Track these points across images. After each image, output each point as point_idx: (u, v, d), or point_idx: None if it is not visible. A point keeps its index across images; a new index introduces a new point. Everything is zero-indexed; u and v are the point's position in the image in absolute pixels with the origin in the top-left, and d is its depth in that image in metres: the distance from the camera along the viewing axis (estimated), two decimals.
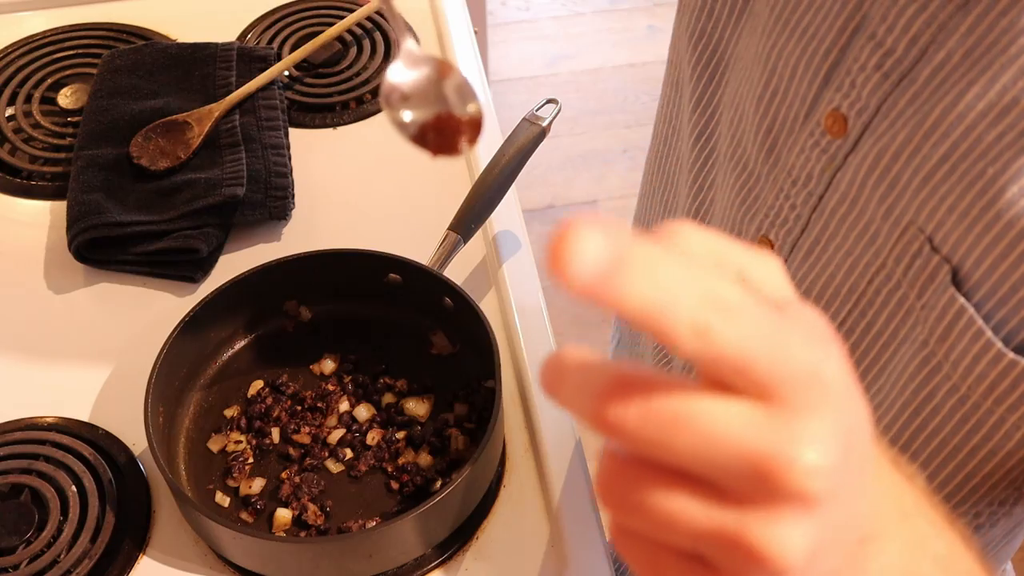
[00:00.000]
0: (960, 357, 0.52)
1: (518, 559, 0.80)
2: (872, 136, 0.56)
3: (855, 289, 0.59)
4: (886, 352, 0.59)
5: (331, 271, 0.92)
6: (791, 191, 0.63)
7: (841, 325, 0.61)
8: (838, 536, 0.33)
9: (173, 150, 1.05)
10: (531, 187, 2.46)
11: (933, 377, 0.55)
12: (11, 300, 0.98)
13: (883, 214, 0.56)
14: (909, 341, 0.56)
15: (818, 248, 0.62)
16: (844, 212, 0.59)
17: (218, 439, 0.86)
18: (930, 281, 0.53)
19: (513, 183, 0.97)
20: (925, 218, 0.53)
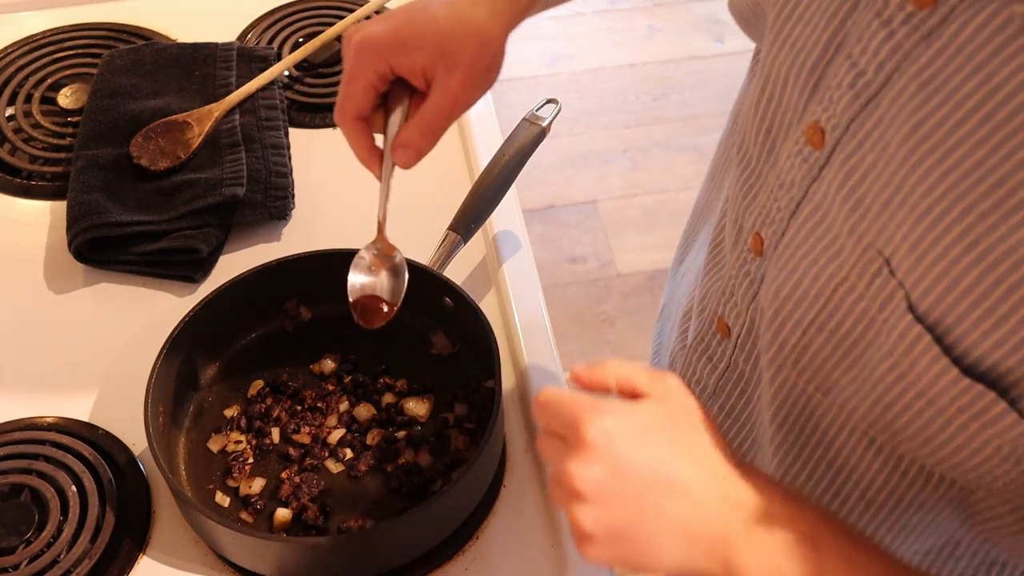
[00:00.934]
0: (923, 372, 0.54)
1: (518, 559, 0.80)
2: (842, 153, 0.57)
3: (821, 295, 0.60)
4: (856, 348, 0.60)
5: (331, 271, 0.92)
6: (778, 193, 0.64)
7: (811, 324, 0.62)
8: (621, 485, 0.53)
9: (173, 150, 1.05)
10: (531, 187, 2.46)
11: (900, 382, 0.56)
12: (11, 300, 0.98)
13: (848, 231, 0.57)
14: (876, 347, 0.58)
15: (788, 252, 0.63)
16: (815, 223, 0.61)
17: (218, 439, 0.86)
18: (889, 301, 0.55)
19: (513, 183, 0.97)
20: (884, 242, 0.54)
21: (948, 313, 0.51)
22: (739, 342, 0.75)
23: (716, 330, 0.78)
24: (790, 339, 0.65)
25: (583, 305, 2.25)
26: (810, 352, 0.63)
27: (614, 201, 2.47)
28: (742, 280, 0.72)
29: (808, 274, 0.61)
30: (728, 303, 0.75)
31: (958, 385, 0.52)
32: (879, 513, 0.68)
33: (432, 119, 0.69)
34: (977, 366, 0.51)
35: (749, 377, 0.76)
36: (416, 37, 0.67)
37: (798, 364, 0.65)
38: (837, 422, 0.65)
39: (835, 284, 0.59)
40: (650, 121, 2.65)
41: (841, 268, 0.58)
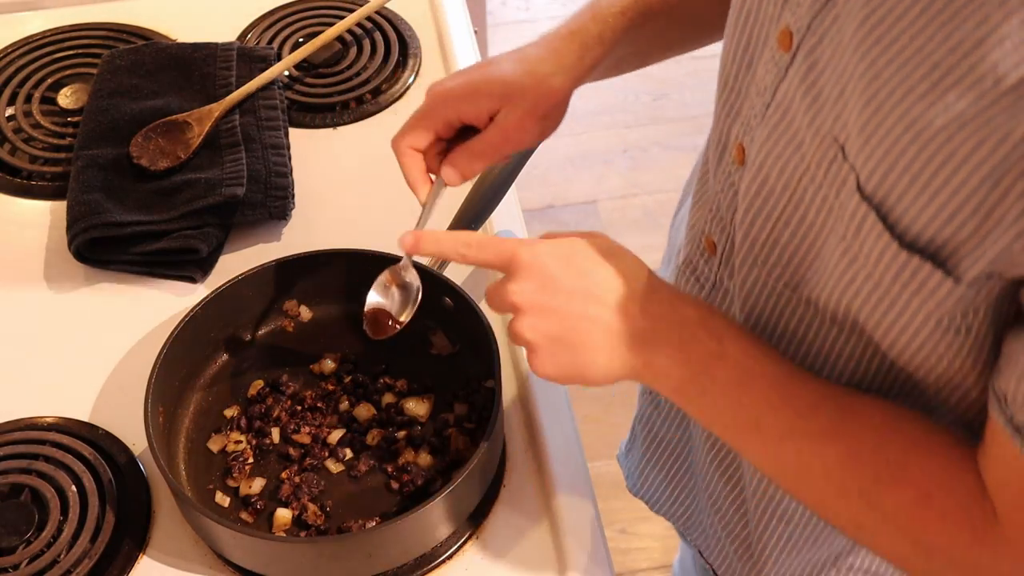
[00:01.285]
0: (870, 251, 0.59)
1: (518, 559, 0.80)
2: (804, 51, 0.62)
3: (787, 187, 0.65)
4: (819, 240, 0.65)
5: (331, 271, 0.92)
6: (756, 101, 0.69)
7: (779, 220, 0.67)
8: (551, 296, 0.64)
9: (173, 150, 1.05)
10: (531, 187, 2.46)
11: (852, 265, 0.61)
12: (11, 300, 0.98)
13: (807, 123, 0.62)
14: (834, 233, 0.62)
15: (758, 150, 0.68)
16: (778, 119, 0.65)
17: (218, 439, 0.86)
18: (842, 185, 0.60)
19: (513, 183, 0.97)
20: (838, 129, 0.59)
21: (891, 191, 0.56)
22: (723, 257, 0.78)
23: (704, 249, 0.81)
24: (760, 236, 0.69)
25: None
26: (778, 248, 0.68)
27: (614, 201, 2.46)
28: (727, 192, 0.76)
29: (774, 169, 0.66)
30: (714, 220, 0.78)
31: (898, 260, 0.57)
32: None
33: (481, 148, 0.77)
34: (916, 241, 0.56)
35: (731, 295, 0.79)
36: (485, 85, 0.75)
37: (767, 262, 0.70)
38: (807, 316, 0.70)
39: (798, 176, 0.64)
40: (650, 121, 2.65)
41: (803, 160, 0.63)
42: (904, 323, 0.60)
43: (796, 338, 0.72)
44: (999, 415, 0.56)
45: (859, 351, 0.68)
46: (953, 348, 0.60)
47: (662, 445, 0.94)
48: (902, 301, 0.59)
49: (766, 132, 0.67)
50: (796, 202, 0.65)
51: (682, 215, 0.98)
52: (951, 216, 0.54)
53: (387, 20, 1.24)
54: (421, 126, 0.76)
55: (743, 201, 0.71)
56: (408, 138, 0.76)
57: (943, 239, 0.55)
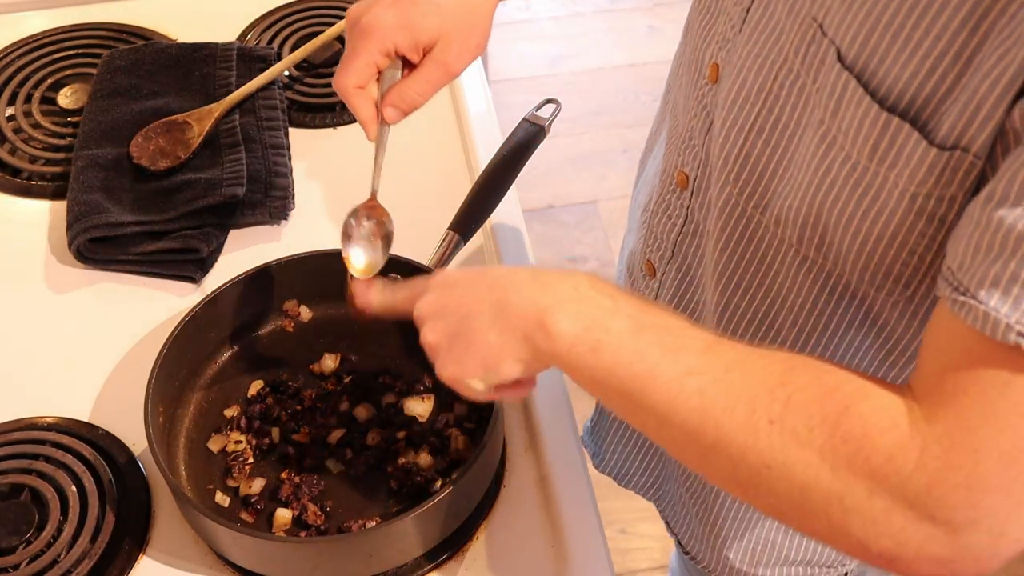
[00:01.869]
0: (848, 125, 0.60)
1: (518, 559, 0.80)
2: None
3: (763, 88, 0.67)
4: (792, 142, 0.66)
5: (331, 271, 0.92)
6: (732, 11, 0.71)
7: (752, 127, 0.68)
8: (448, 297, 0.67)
9: (173, 150, 1.05)
10: (531, 187, 2.46)
11: (830, 151, 0.62)
12: (11, 300, 0.98)
13: (787, 11, 0.64)
14: (810, 126, 0.64)
15: (736, 57, 0.70)
16: (758, 18, 0.67)
17: (218, 439, 0.86)
18: (821, 64, 0.61)
19: (513, 183, 0.97)
20: (817, 7, 0.61)
21: (873, 53, 0.58)
22: (694, 187, 0.79)
23: (676, 185, 0.82)
24: (734, 149, 0.70)
25: None
26: (751, 160, 0.69)
27: (614, 201, 2.46)
28: (699, 116, 0.77)
29: (752, 69, 0.68)
30: (686, 148, 0.80)
31: (877, 125, 0.58)
32: (807, 343, 0.73)
33: (421, 85, 0.77)
34: (898, 102, 0.57)
35: (702, 228, 0.80)
36: (421, 18, 0.74)
37: (740, 178, 0.71)
38: (774, 243, 0.71)
39: (776, 71, 0.66)
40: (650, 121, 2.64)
41: (781, 52, 0.65)
42: (878, 208, 0.61)
43: (762, 269, 0.73)
44: (944, 287, 0.54)
45: (821, 281, 0.69)
46: (924, 240, 0.60)
47: None
48: (879, 180, 0.60)
49: (747, 34, 0.69)
50: (771, 104, 0.67)
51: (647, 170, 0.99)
52: (932, 67, 0.55)
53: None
54: (362, 64, 0.75)
55: (719, 116, 0.72)
56: (353, 76, 0.75)
57: (923, 95, 0.56)
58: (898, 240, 0.61)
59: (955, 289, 0.53)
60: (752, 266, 0.74)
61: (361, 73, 0.75)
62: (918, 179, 0.58)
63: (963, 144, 0.55)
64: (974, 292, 0.52)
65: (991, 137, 0.54)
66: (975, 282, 0.52)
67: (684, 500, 0.92)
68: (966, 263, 0.53)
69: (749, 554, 0.89)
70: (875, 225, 0.62)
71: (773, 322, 0.76)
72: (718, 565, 0.93)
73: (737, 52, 0.70)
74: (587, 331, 0.61)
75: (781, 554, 0.88)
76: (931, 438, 0.53)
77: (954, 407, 0.53)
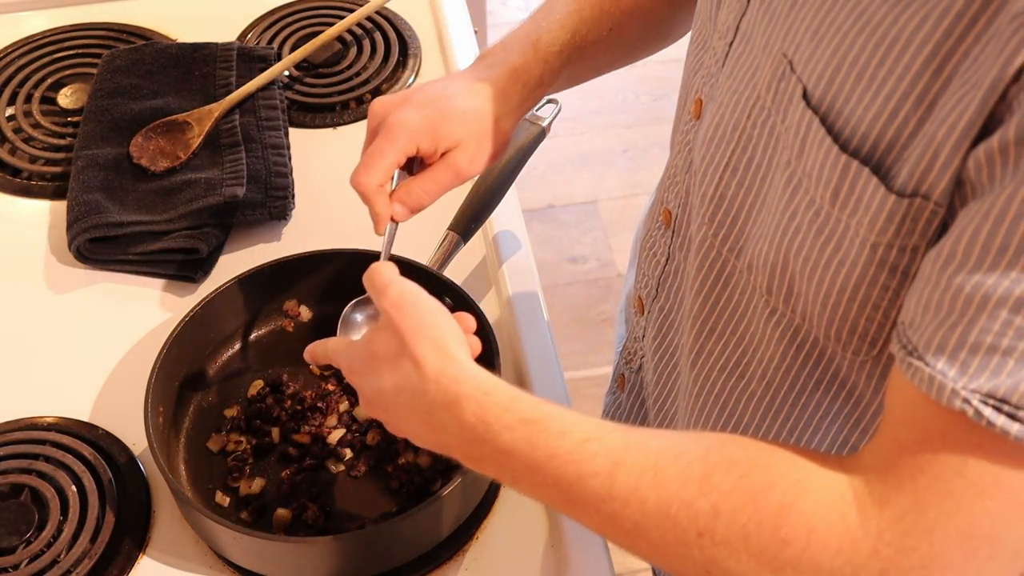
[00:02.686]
0: (811, 167, 0.59)
1: (518, 559, 0.80)
2: None
3: (738, 126, 0.66)
4: (765, 185, 0.65)
5: (331, 271, 0.92)
6: (718, 46, 0.70)
7: (727, 167, 0.68)
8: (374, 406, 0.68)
9: (173, 150, 1.05)
10: (531, 187, 2.46)
11: (795, 195, 0.61)
12: (11, 300, 0.98)
13: (762, 46, 0.63)
14: (778, 167, 0.63)
15: (718, 93, 0.69)
16: (739, 52, 0.67)
17: (218, 439, 0.86)
18: (789, 102, 0.60)
19: (513, 183, 0.97)
20: (788, 42, 0.60)
21: (838, 93, 0.56)
22: (676, 225, 0.79)
23: (661, 222, 0.82)
24: (710, 188, 0.70)
25: (583, 305, 2.25)
26: (726, 200, 0.69)
27: (614, 201, 2.46)
28: (683, 153, 0.76)
29: (729, 106, 0.67)
30: (671, 185, 0.79)
31: (838, 167, 0.57)
32: (776, 398, 0.72)
33: (430, 185, 0.78)
34: (860, 147, 0.56)
35: (682, 269, 0.80)
36: (446, 126, 0.77)
37: (715, 218, 0.70)
38: (747, 291, 0.70)
39: (749, 108, 0.65)
40: (650, 121, 2.65)
41: (755, 89, 0.64)
42: (840, 258, 0.59)
43: (736, 316, 0.72)
44: (895, 345, 0.53)
45: (789, 335, 0.68)
46: (888, 295, 0.58)
47: None
48: (841, 227, 0.58)
49: (728, 70, 0.68)
50: (744, 143, 0.66)
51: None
52: (894, 110, 0.54)
53: (387, 20, 1.24)
54: (387, 165, 0.76)
55: (698, 153, 0.71)
56: (376, 176, 0.77)
57: (884, 139, 0.55)
58: (861, 292, 0.59)
59: (904, 348, 0.52)
60: (727, 312, 0.73)
61: (385, 173, 0.77)
62: (878, 227, 0.56)
63: (923, 192, 0.53)
64: (922, 353, 0.51)
65: (951, 185, 0.52)
66: (923, 342, 0.51)
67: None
68: (916, 320, 0.52)
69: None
70: (837, 275, 0.60)
71: (744, 372, 0.74)
72: None
73: (719, 88, 0.69)
74: (496, 476, 0.64)
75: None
76: (884, 523, 0.52)
77: (910, 488, 0.52)
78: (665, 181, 0.82)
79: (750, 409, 0.75)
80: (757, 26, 0.64)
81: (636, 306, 0.90)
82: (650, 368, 0.88)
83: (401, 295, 0.68)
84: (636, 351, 0.92)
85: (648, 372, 0.89)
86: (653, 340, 0.87)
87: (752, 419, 0.75)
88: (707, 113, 0.71)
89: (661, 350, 0.86)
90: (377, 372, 0.66)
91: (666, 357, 0.86)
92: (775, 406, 0.73)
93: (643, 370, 0.92)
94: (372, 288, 0.71)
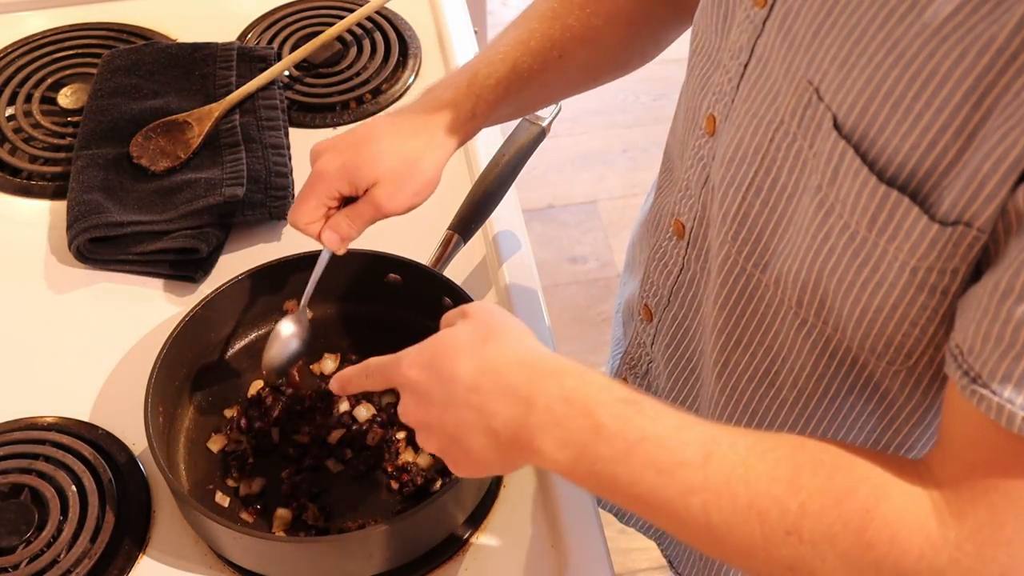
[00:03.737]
0: (847, 195, 0.59)
1: (518, 559, 0.80)
2: (781, 1, 0.64)
3: (760, 149, 0.66)
4: (791, 205, 0.65)
5: (331, 271, 0.92)
6: (729, 64, 0.70)
7: (750, 187, 0.68)
8: (427, 412, 0.64)
9: (173, 150, 1.05)
10: (531, 187, 2.46)
11: (828, 219, 0.61)
12: (11, 300, 0.98)
13: (783, 72, 0.63)
14: (808, 190, 0.63)
15: (735, 116, 0.69)
16: (757, 75, 0.67)
17: (218, 439, 0.86)
18: (818, 129, 0.60)
19: (513, 183, 0.97)
20: (813, 70, 0.60)
21: (872, 122, 0.56)
22: (691, 238, 0.79)
23: (672, 233, 0.82)
24: (732, 207, 0.70)
25: (583, 305, 2.25)
26: (750, 219, 0.69)
27: (614, 201, 2.46)
28: (696, 166, 0.76)
29: (750, 128, 0.67)
30: (683, 198, 0.79)
31: (876, 198, 0.57)
32: (808, 404, 0.72)
33: (356, 220, 0.82)
34: (897, 175, 0.56)
35: (699, 279, 0.80)
36: (362, 168, 0.80)
37: (739, 236, 0.70)
38: (774, 303, 0.70)
39: (772, 132, 0.65)
40: (650, 121, 2.65)
41: (777, 113, 0.64)
42: (878, 280, 0.60)
43: (763, 327, 0.72)
44: (955, 370, 0.55)
45: (821, 345, 0.68)
46: (927, 312, 0.59)
47: None
48: (878, 251, 0.59)
49: (745, 92, 0.68)
50: (768, 165, 0.66)
51: (637, 229, 0.99)
52: (933, 141, 0.54)
53: (387, 20, 1.24)
54: (312, 205, 0.81)
55: (717, 172, 0.71)
56: (304, 216, 0.82)
57: (923, 169, 0.55)
58: (899, 312, 0.60)
59: (966, 374, 0.54)
60: (752, 324, 0.73)
61: (312, 214, 0.82)
62: (919, 253, 0.57)
63: (966, 219, 0.54)
64: (986, 381, 0.52)
65: (995, 214, 0.53)
66: (987, 372, 0.52)
67: (687, 546, 0.91)
68: (976, 349, 0.53)
69: None
70: (875, 296, 0.61)
71: (774, 380, 0.74)
72: None
73: (736, 109, 0.69)
74: (578, 461, 0.59)
75: None
76: (963, 535, 0.54)
77: (985, 503, 0.54)
78: (673, 192, 0.81)
79: (781, 415, 0.75)
80: (775, 51, 0.64)
81: (642, 314, 0.89)
82: (663, 375, 0.88)
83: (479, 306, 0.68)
84: (640, 357, 0.92)
85: (661, 378, 0.89)
86: (666, 348, 0.87)
87: (784, 424, 0.75)
88: (724, 133, 0.71)
89: (676, 357, 0.86)
90: (452, 362, 0.63)
91: (682, 364, 0.86)
92: (808, 411, 0.73)
93: (651, 376, 0.91)
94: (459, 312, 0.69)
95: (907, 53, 0.54)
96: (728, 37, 0.71)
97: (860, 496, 0.56)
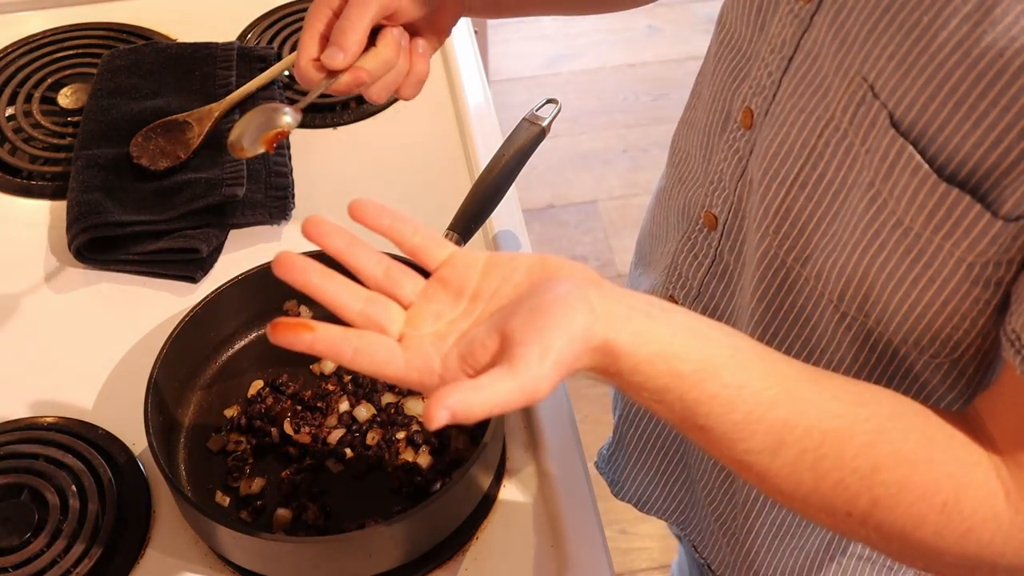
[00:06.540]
0: (902, 192, 0.58)
1: (518, 559, 0.80)
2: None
3: (807, 143, 0.66)
4: (837, 200, 0.65)
5: None
6: (769, 58, 0.70)
7: (795, 181, 0.67)
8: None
9: (173, 150, 1.05)
10: (531, 187, 2.46)
11: (880, 215, 0.61)
12: (11, 300, 0.98)
13: (835, 68, 0.62)
14: (857, 186, 0.62)
15: (778, 110, 0.69)
16: (805, 70, 0.66)
17: (218, 439, 0.86)
18: (871, 126, 0.60)
19: (513, 183, 0.97)
20: (868, 67, 0.59)
21: (932, 120, 0.56)
22: (725, 230, 0.79)
23: (703, 225, 0.81)
24: (775, 201, 0.69)
25: None
26: (792, 214, 0.68)
27: (614, 201, 2.47)
28: (731, 160, 0.76)
29: (796, 124, 0.66)
30: (716, 191, 0.79)
31: (935, 196, 0.57)
32: None
33: (376, 65, 0.78)
34: (957, 172, 0.56)
35: (733, 270, 0.79)
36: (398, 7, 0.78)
37: (780, 230, 0.70)
38: (813, 296, 0.70)
39: (821, 127, 0.64)
40: (650, 121, 2.65)
41: (828, 109, 0.63)
42: (931, 275, 0.60)
43: (801, 320, 0.72)
44: (1014, 356, 0.55)
45: (861, 338, 0.68)
46: (979, 305, 0.59)
47: (651, 441, 0.94)
48: (933, 247, 0.58)
49: (791, 87, 0.67)
50: (815, 160, 0.65)
51: (648, 218, 0.99)
52: (997, 140, 0.53)
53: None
54: (363, 29, 0.77)
55: (757, 166, 0.71)
56: (356, 45, 0.77)
57: (986, 167, 0.55)
58: (950, 306, 0.61)
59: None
60: (791, 317, 0.73)
61: (362, 37, 0.77)
62: (978, 249, 0.57)
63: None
64: None
65: None
66: None
67: (712, 528, 0.91)
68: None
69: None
70: (926, 291, 0.61)
71: None
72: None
73: (779, 103, 0.69)
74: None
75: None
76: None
77: None
78: (703, 184, 0.81)
79: None
80: (826, 47, 0.63)
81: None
82: None
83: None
84: None
85: None
86: None
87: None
88: (764, 126, 0.71)
89: None
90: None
91: None
92: None
93: None
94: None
95: (973, 52, 0.53)
96: (766, 30, 0.70)
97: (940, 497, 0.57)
